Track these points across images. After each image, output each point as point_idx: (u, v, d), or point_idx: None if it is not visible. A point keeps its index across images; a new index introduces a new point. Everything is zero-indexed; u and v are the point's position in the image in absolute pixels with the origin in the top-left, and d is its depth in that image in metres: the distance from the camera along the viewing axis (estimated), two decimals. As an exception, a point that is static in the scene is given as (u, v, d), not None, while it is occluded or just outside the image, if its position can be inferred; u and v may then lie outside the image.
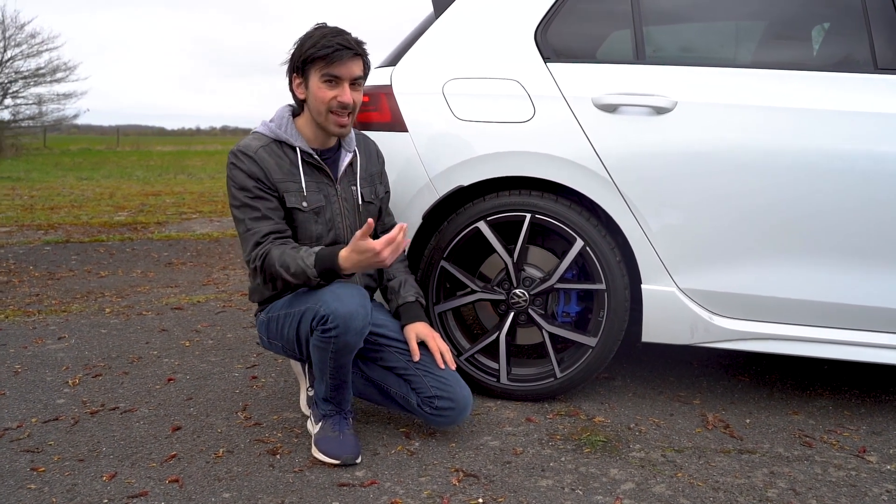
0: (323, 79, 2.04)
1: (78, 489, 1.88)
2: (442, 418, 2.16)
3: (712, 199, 2.25)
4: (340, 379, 2.04)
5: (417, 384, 2.17)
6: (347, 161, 2.19)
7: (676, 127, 2.26)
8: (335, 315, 1.90)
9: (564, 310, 2.52)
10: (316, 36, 2.05)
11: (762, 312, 2.30)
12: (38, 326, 3.45)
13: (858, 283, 2.21)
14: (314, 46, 2.03)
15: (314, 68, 2.05)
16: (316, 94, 2.06)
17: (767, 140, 2.21)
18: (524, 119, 2.38)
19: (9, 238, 6.08)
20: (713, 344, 2.34)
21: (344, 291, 1.93)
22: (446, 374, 2.17)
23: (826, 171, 2.17)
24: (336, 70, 2.04)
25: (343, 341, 1.92)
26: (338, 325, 1.90)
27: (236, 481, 1.93)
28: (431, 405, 2.15)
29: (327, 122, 2.09)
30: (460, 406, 2.15)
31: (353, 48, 2.05)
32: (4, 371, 2.79)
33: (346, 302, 1.91)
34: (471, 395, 2.18)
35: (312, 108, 2.09)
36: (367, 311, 1.94)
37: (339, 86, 2.06)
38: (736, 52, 2.52)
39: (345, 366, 2.00)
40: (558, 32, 2.46)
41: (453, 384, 2.16)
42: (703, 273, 2.31)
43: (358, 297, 1.93)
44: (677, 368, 2.86)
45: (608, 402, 2.51)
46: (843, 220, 2.18)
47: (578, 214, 2.37)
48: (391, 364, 2.22)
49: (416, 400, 2.17)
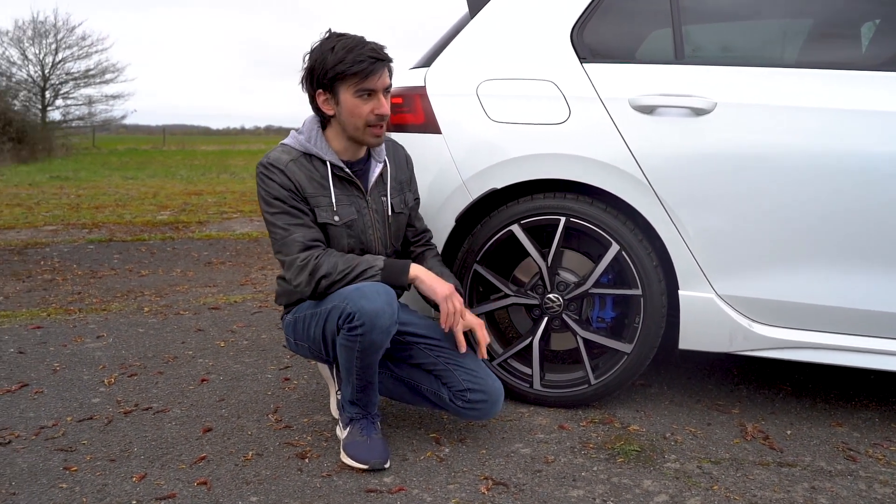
0: (357, 94, 1.99)
1: (108, 489, 1.90)
2: (475, 411, 2.12)
3: (753, 204, 2.18)
4: (367, 380, 2.02)
5: (448, 378, 2.14)
6: (378, 172, 2.17)
7: (716, 128, 2.19)
8: (362, 312, 1.88)
9: (599, 315, 2.46)
10: (340, 50, 1.97)
11: (804, 320, 2.22)
12: (78, 325, 3.51)
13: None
14: (342, 62, 1.96)
15: (345, 84, 1.99)
16: (351, 110, 2.01)
17: (811, 142, 2.12)
18: (559, 121, 2.34)
19: (54, 237, 6.22)
20: (752, 352, 2.27)
21: (370, 289, 1.91)
22: (477, 366, 2.14)
23: (876, 174, 2.08)
24: (371, 84, 1.98)
25: (369, 339, 1.90)
26: (364, 323, 1.88)
27: (264, 485, 1.92)
28: (464, 398, 2.12)
29: (364, 135, 2.05)
30: (493, 398, 2.12)
31: (384, 58, 2.00)
32: (43, 369, 2.84)
33: (372, 299, 1.89)
34: (502, 387, 2.15)
35: (347, 124, 2.04)
36: (393, 309, 1.92)
37: (375, 98, 2.01)
38: (779, 52, 2.44)
39: (371, 365, 1.98)
40: (595, 32, 2.40)
41: (484, 377, 2.13)
42: (742, 279, 2.24)
43: (384, 295, 1.91)
44: (716, 375, 2.78)
45: (644, 409, 2.45)
46: (893, 227, 2.09)
47: (614, 218, 2.31)
48: (420, 361, 2.19)
49: (448, 395, 2.14)
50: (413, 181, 2.34)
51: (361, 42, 2.00)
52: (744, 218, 2.19)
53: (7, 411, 2.41)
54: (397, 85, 2.64)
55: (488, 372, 2.15)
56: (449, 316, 2.03)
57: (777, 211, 2.16)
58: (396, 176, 2.24)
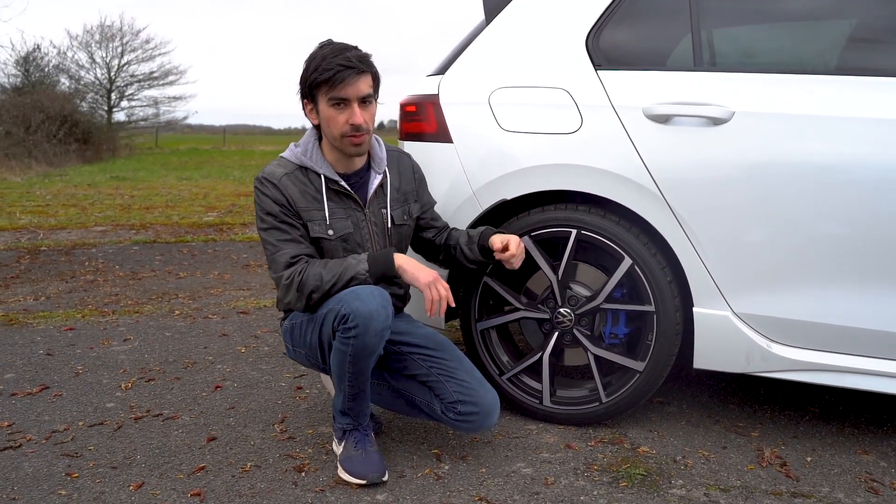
0: (330, 102, 1.97)
1: (104, 497, 1.91)
2: (467, 424, 2.08)
3: (771, 218, 2.07)
4: (359, 387, 1.99)
5: (440, 390, 2.10)
6: (377, 183, 2.14)
7: (733, 139, 2.09)
8: (356, 314, 1.85)
9: (612, 331, 2.38)
10: (318, 58, 1.97)
11: (827, 342, 2.10)
12: (108, 327, 3.59)
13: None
14: (317, 70, 1.95)
15: (320, 93, 1.98)
16: (328, 119, 2.00)
17: (837, 154, 2.01)
18: (570, 130, 2.27)
19: (102, 237, 6.40)
20: (770, 374, 2.16)
21: (365, 291, 1.89)
22: (469, 378, 2.10)
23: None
24: (342, 92, 1.96)
25: (362, 342, 1.87)
26: (358, 325, 1.85)
27: (256, 498, 1.91)
28: (455, 410, 2.08)
29: (343, 145, 2.03)
30: (485, 410, 2.07)
31: (354, 66, 1.95)
32: (67, 372, 2.90)
33: (367, 301, 1.86)
34: (497, 399, 2.10)
35: (327, 133, 2.04)
36: (387, 312, 1.89)
37: (349, 107, 1.98)
38: (805, 57, 2.31)
39: (363, 372, 1.95)
40: (611, 38, 2.33)
41: (476, 388, 2.08)
42: (760, 297, 2.13)
43: (379, 298, 1.88)
44: (740, 395, 2.67)
45: (658, 429, 2.36)
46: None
47: (627, 231, 2.23)
48: (414, 371, 2.16)
49: (440, 406, 2.11)
50: (422, 190, 2.30)
51: (339, 50, 1.97)
52: (762, 232, 2.09)
53: (24, 414, 2.47)
54: (413, 93, 2.62)
55: (482, 383, 2.10)
56: (433, 304, 1.97)
57: (798, 226, 2.05)
58: (400, 187, 2.21)
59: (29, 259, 5.40)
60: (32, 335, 3.42)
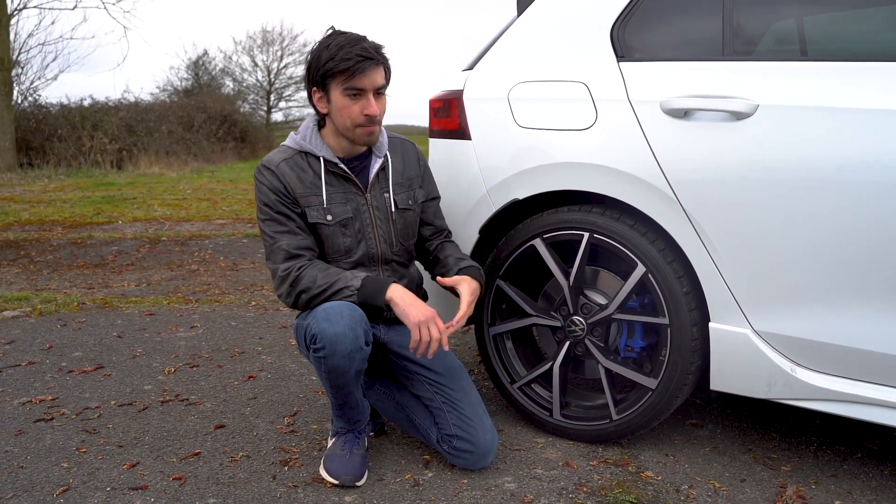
0: (345, 92, 1.94)
1: (97, 474, 2.01)
2: (459, 459, 2.01)
3: (797, 226, 1.83)
4: (342, 399, 1.96)
5: (440, 419, 2.04)
6: (378, 167, 2.09)
7: (755, 136, 1.87)
8: (322, 335, 1.82)
9: (628, 343, 2.21)
10: (333, 47, 1.93)
11: (863, 370, 1.83)
12: (185, 314, 3.79)
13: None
14: (332, 59, 1.92)
15: (335, 82, 1.95)
16: (341, 109, 1.96)
17: (878, 154, 1.74)
18: (584, 126, 2.13)
19: (219, 230, 6.79)
20: (794, 402, 1.91)
21: (335, 311, 1.84)
22: (472, 413, 2.02)
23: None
24: (359, 83, 1.93)
25: (332, 363, 1.84)
26: (325, 346, 1.82)
27: (230, 488, 1.94)
28: (450, 444, 2.01)
29: (356, 135, 2.00)
30: (480, 451, 1.98)
31: (373, 57, 1.93)
32: (126, 354, 3.09)
33: (334, 322, 1.82)
34: (496, 440, 2.02)
35: (338, 123, 2.00)
36: (356, 334, 1.83)
37: (364, 97, 1.95)
38: (853, 41, 2.03)
39: (342, 387, 1.91)
40: (639, 27, 2.15)
41: (477, 426, 1.99)
42: (784, 314, 1.89)
43: (348, 319, 1.83)
44: (788, 422, 2.39)
45: (676, 453, 2.16)
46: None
47: (642, 236, 2.06)
48: (418, 392, 2.11)
49: (437, 435, 2.05)
50: (426, 179, 2.23)
51: (355, 40, 1.94)
52: (784, 242, 1.85)
53: (70, 390, 2.65)
54: (441, 88, 2.56)
55: (484, 422, 2.02)
56: (421, 345, 1.90)
57: (827, 235, 1.80)
58: (403, 171, 2.15)
59: (147, 248, 5.83)
60: (115, 318, 3.68)
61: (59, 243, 5.94)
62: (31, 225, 6.87)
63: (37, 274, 4.95)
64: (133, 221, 7.16)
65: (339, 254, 2.05)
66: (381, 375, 2.24)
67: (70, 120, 14.13)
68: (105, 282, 4.70)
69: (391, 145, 2.15)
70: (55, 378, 2.78)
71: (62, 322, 3.60)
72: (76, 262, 5.33)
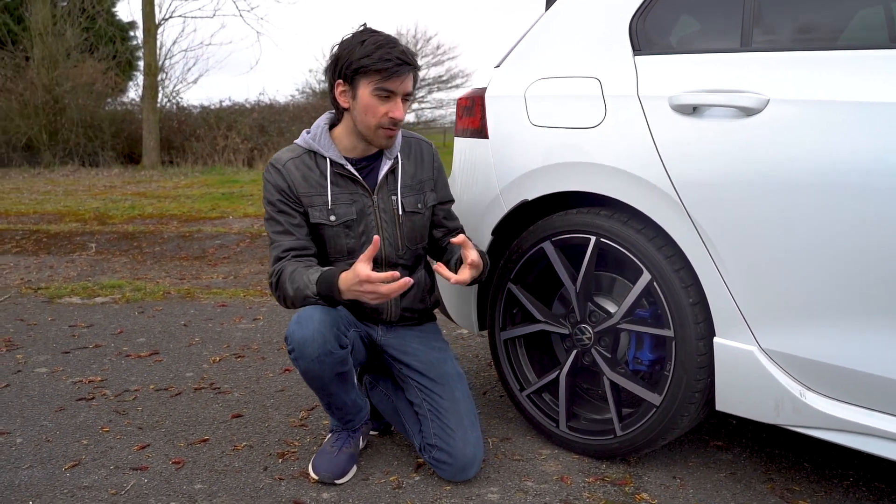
0: (375, 92, 1.91)
1: (109, 453, 2.13)
2: (440, 470, 1.97)
3: (807, 233, 1.65)
4: (325, 400, 1.98)
5: (424, 426, 2.02)
6: (387, 168, 2.07)
7: (764, 133, 1.71)
8: (292, 338, 1.84)
9: (637, 355, 2.08)
10: (370, 45, 1.90)
11: (876, 398, 1.63)
12: (253, 307, 3.95)
13: None
14: (369, 57, 1.89)
15: (366, 79, 1.91)
16: (366, 107, 1.94)
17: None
18: (593, 124, 2.03)
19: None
20: (804, 430, 1.73)
21: (307, 314, 1.84)
22: (456, 424, 1.97)
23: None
24: (392, 85, 1.90)
25: (302, 366, 1.85)
26: (294, 349, 1.84)
27: (220, 476, 2.00)
28: (430, 453, 1.98)
29: (375, 136, 1.98)
30: (458, 464, 1.93)
31: (413, 64, 1.92)
32: (183, 342, 3.26)
33: (304, 326, 1.82)
34: (479, 454, 1.96)
35: (359, 121, 1.97)
36: (325, 338, 1.81)
37: (392, 101, 1.93)
38: (876, 29, 1.81)
39: (321, 388, 1.92)
40: (659, 19, 2.03)
41: (457, 438, 1.95)
42: (794, 331, 1.71)
43: (317, 323, 1.81)
44: (827, 452, 2.16)
45: (686, 476, 2.01)
46: None
47: (648, 241, 1.94)
48: (411, 398, 2.09)
49: (420, 442, 2.02)
50: (440, 181, 2.18)
51: (393, 42, 1.93)
52: (793, 252, 1.68)
53: (119, 373, 2.83)
54: (469, 87, 2.53)
55: (467, 435, 1.96)
56: (392, 293, 1.77)
57: (843, 245, 1.61)
58: (415, 174, 2.12)
59: (247, 243, 6.13)
60: (189, 308, 3.89)
61: (170, 236, 6.36)
62: (152, 218, 7.40)
63: (141, 264, 5.33)
64: (243, 217, 7.54)
65: (341, 255, 2.05)
66: (386, 377, 2.24)
67: (207, 120, 15.11)
68: (197, 273, 4.99)
69: (405, 146, 2.12)
70: (112, 361, 2.98)
71: (141, 309, 3.85)
72: (179, 254, 5.69)
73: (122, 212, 7.71)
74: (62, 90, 14.38)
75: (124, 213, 7.68)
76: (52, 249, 5.87)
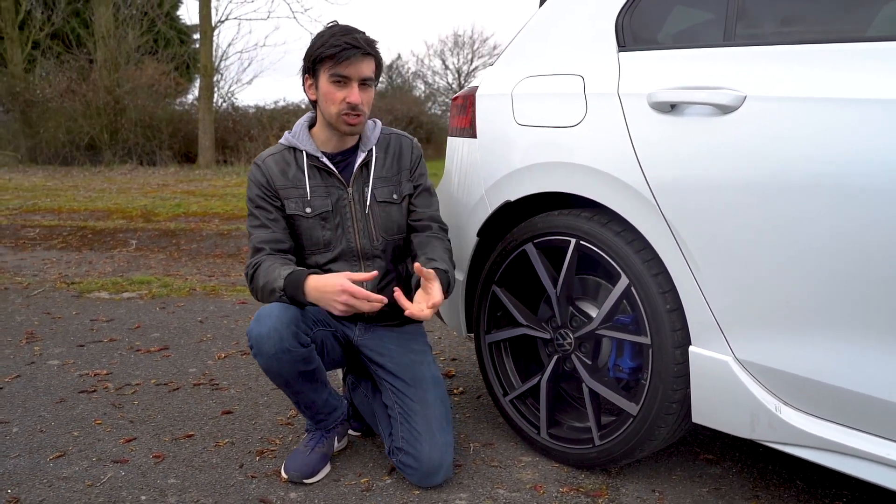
0: (331, 79, 1.95)
1: (96, 445, 2.18)
2: (407, 475, 1.96)
3: (784, 238, 1.57)
4: (293, 398, 2.00)
5: (394, 429, 2.00)
6: (361, 160, 2.08)
7: (740, 132, 1.63)
8: (250, 335, 1.86)
9: (617, 363, 2.02)
10: (326, 35, 1.97)
11: (855, 416, 1.54)
12: (271, 304, 3.99)
13: None
14: (323, 46, 1.95)
15: (323, 68, 1.97)
16: (325, 94, 1.98)
17: (882, 152, 1.45)
18: (573, 123, 1.98)
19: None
20: (779, 446, 1.65)
21: (266, 311, 1.86)
22: (424, 429, 1.95)
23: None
24: (344, 70, 1.94)
25: (262, 363, 1.87)
26: (253, 346, 1.86)
27: (195, 471, 2.02)
28: (397, 456, 1.97)
29: (338, 123, 2.00)
30: (424, 469, 1.91)
31: (361, 47, 1.94)
32: (195, 338, 3.32)
33: (262, 323, 1.84)
34: (447, 462, 1.93)
35: (323, 109, 2.02)
36: (281, 336, 1.82)
37: (348, 86, 1.96)
38: (860, 20, 1.70)
39: (285, 386, 1.94)
40: (645, 14, 1.96)
41: (424, 442, 1.92)
42: (770, 342, 1.63)
43: (274, 320, 1.83)
44: (827, 469, 2.06)
45: (666, 490, 1.94)
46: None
47: (627, 244, 1.88)
48: (385, 400, 2.08)
49: (389, 445, 2.01)
50: (418, 172, 2.16)
51: (349, 30, 1.97)
52: (771, 259, 1.60)
53: (126, 367, 2.90)
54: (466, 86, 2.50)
55: (435, 439, 1.93)
56: (365, 306, 1.79)
57: (823, 251, 1.52)
58: (390, 166, 2.11)
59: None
60: (209, 305, 3.97)
61: (208, 234, 6.50)
62: (195, 216, 7.57)
63: (176, 261, 5.46)
64: (282, 216, 7.64)
65: (317, 247, 2.07)
66: (368, 378, 2.23)
67: (261, 120, 15.41)
68: (227, 271, 5.08)
69: (383, 141, 2.13)
70: (122, 355, 3.05)
71: (163, 305, 3.94)
72: (214, 252, 5.81)
73: (168, 209, 7.91)
74: (122, 91, 14.87)
75: (170, 210, 7.88)
76: (94, 246, 6.07)
